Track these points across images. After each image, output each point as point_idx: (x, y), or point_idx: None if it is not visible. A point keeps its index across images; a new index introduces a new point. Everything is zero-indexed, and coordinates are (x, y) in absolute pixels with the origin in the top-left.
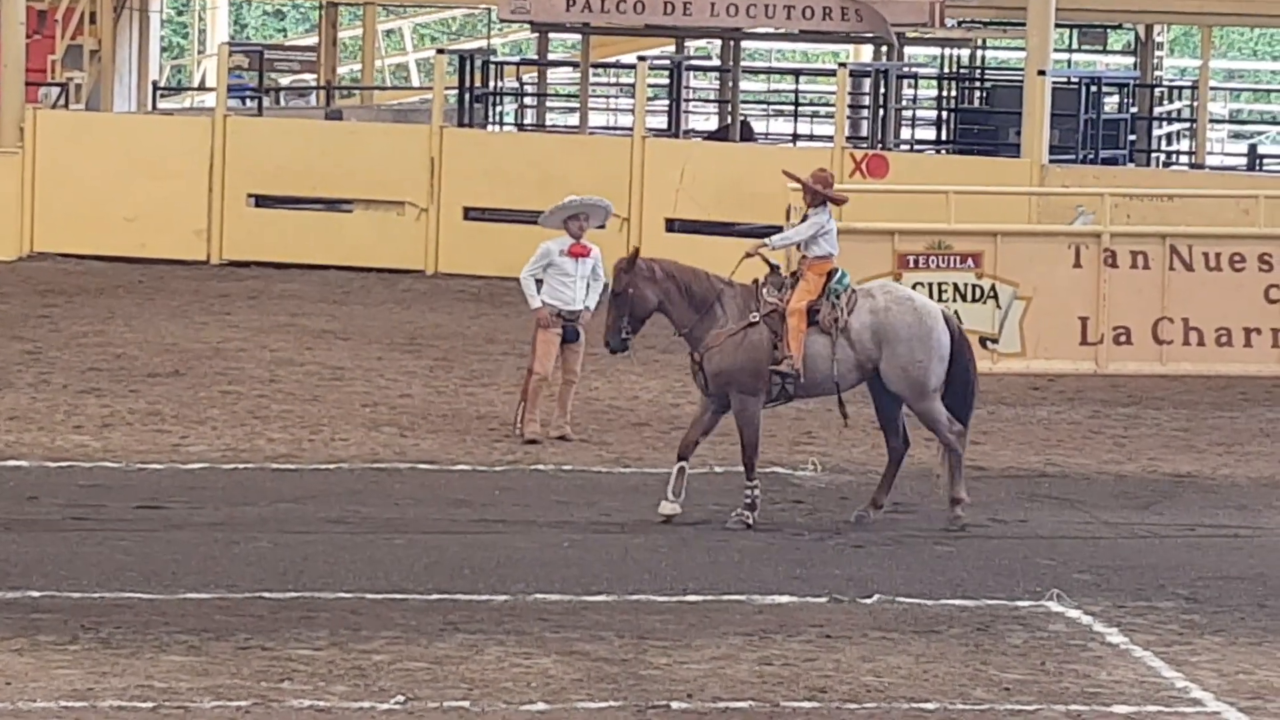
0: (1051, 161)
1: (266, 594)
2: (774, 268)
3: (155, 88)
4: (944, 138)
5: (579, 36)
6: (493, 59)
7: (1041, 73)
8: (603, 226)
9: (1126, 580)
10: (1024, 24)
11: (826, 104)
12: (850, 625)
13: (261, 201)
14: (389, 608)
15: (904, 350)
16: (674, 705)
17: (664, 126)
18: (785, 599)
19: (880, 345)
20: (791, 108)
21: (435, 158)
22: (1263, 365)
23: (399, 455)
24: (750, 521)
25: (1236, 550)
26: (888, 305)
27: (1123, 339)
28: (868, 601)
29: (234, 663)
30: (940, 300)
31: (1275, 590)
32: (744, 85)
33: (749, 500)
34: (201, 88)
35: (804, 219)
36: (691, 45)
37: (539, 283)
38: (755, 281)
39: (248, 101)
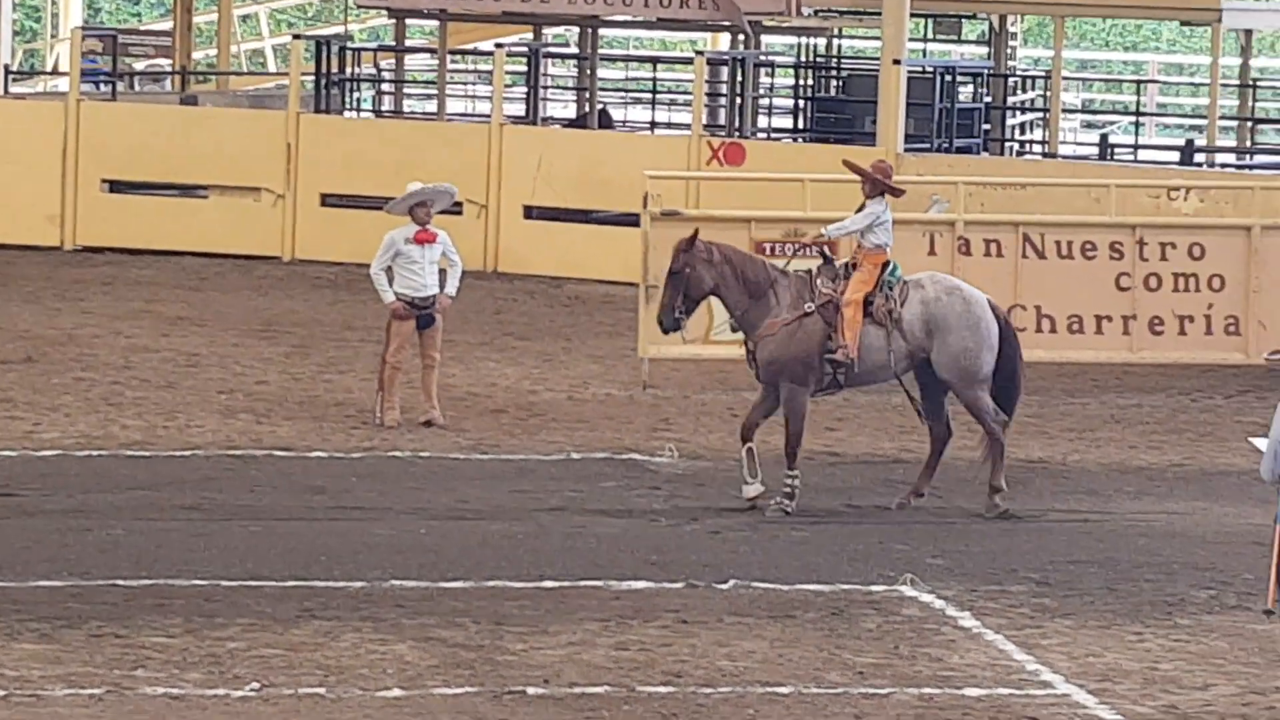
0: (906, 150)
1: (120, 581)
2: (827, 259)
3: (7, 71)
4: (800, 126)
5: (436, 23)
6: (350, 45)
7: (897, 62)
8: (459, 210)
9: (979, 565)
10: (880, 13)
11: (684, 92)
12: (706, 610)
13: (116, 187)
14: (244, 595)
15: (955, 340)
16: (530, 691)
17: (522, 114)
18: (642, 585)
19: (931, 335)
20: (649, 95)
21: (292, 144)
22: (1113, 352)
23: (255, 442)
24: (789, 510)
25: (1086, 535)
26: (938, 296)
27: None
28: (724, 587)
29: (87, 650)
30: None
31: (1124, 574)
32: (602, 73)
33: (789, 489)
34: (55, 72)
35: (860, 209)
36: (549, 33)
37: (390, 273)
38: (809, 271)
39: (102, 86)
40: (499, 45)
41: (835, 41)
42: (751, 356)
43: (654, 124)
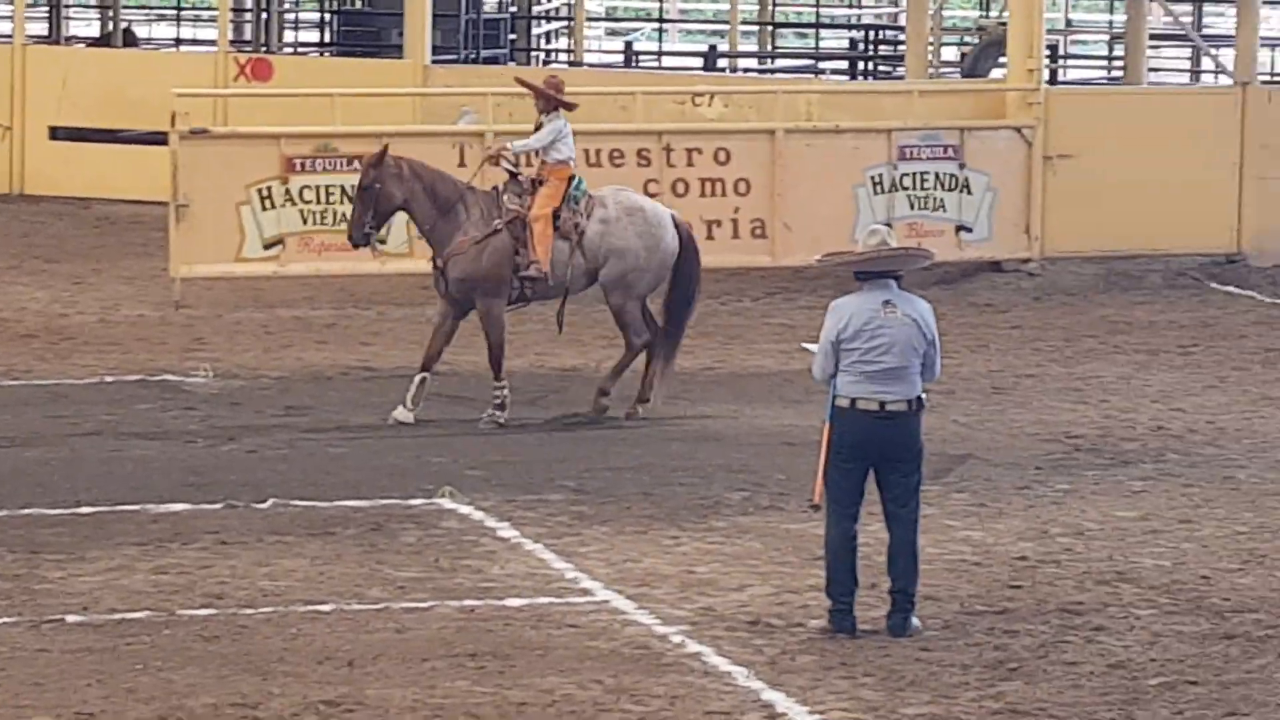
0: (434, 62)
1: None
2: (514, 174)
3: None
4: (328, 40)
5: None
6: None
7: None
8: None
9: (517, 474)
10: None
11: (209, 8)
12: (246, 530)
13: None
14: None
15: (631, 259)
16: (69, 618)
17: (45, 33)
18: (180, 507)
19: (608, 254)
20: (174, 11)
21: None
22: None
23: None
24: (502, 421)
25: (622, 441)
26: (618, 216)
27: None
28: (262, 506)
29: None
30: (328, 204)
31: (660, 479)
32: None
33: (499, 401)
34: None
35: (538, 126)
36: None
37: None
38: (495, 188)
39: None
40: None
41: None
42: (440, 274)
43: (179, 40)
